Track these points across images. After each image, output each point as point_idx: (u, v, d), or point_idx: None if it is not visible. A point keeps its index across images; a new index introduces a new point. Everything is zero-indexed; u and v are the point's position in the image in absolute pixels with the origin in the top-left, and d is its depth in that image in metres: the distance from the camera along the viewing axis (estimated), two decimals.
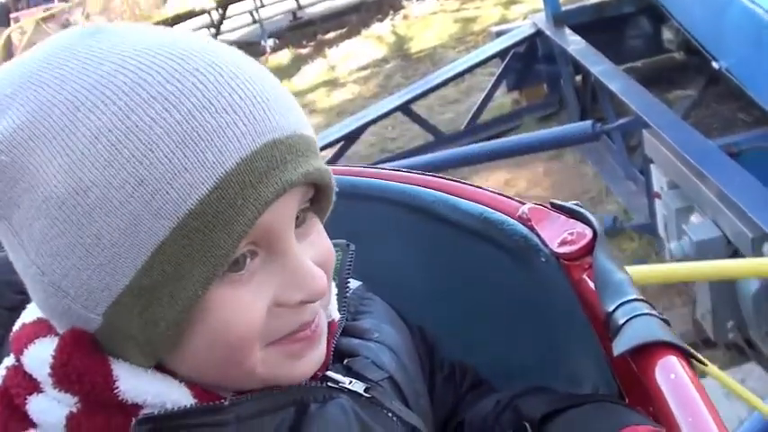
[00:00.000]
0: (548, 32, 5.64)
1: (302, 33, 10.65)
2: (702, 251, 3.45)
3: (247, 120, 0.63)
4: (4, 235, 0.66)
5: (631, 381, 0.87)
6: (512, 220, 0.95)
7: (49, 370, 0.67)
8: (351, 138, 6.74)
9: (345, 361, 0.84)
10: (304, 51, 10.07)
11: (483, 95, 6.37)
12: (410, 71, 8.22)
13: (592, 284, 0.84)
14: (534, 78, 6.36)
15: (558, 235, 0.90)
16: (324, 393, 0.77)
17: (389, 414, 0.81)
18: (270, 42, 10.20)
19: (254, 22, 10.83)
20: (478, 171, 6.10)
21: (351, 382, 0.80)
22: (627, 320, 0.76)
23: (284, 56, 10.08)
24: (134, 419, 0.66)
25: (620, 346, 0.74)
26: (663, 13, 5.27)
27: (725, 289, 3.57)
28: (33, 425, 0.68)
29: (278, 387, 0.74)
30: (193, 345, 0.67)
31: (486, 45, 6.60)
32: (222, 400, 0.70)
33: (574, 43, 5.35)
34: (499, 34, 6.45)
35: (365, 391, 0.80)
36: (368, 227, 1.03)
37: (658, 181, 4.26)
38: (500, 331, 1.06)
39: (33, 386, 0.69)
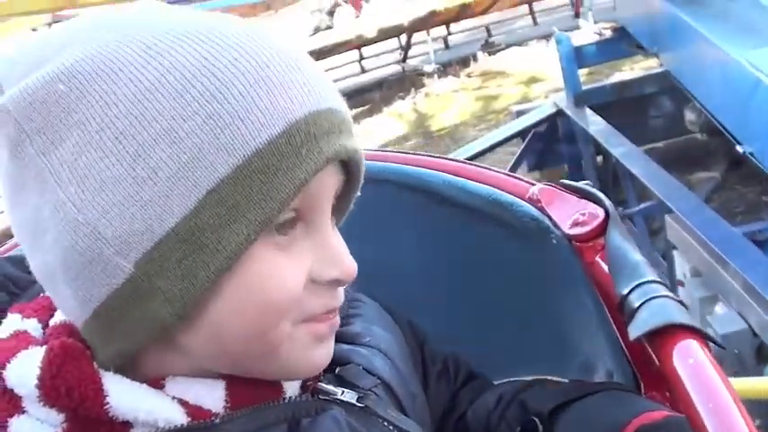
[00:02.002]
0: (568, 112, 5.61)
1: None
2: (727, 344, 3.33)
3: (314, 83, 0.65)
4: (37, 174, 0.62)
5: (647, 366, 0.85)
6: (522, 201, 0.94)
7: (36, 381, 0.63)
8: None
9: (337, 370, 0.81)
10: None
11: None
12: (431, 149, 8.23)
13: (605, 266, 0.82)
14: (555, 159, 6.34)
15: (570, 216, 0.89)
16: (316, 407, 0.74)
17: (385, 423, 0.78)
18: None
19: None
20: None
21: (343, 392, 0.77)
22: (642, 303, 0.73)
23: None
24: None
25: (635, 329, 0.72)
26: (685, 95, 5.27)
27: None
28: None
29: (272, 400, 0.72)
30: (225, 307, 0.64)
31: (506, 124, 6.63)
32: (213, 418, 0.67)
33: (594, 124, 5.30)
34: (520, 113, 6.45)
35: (358, 400, 0.77)
36: (371, 210, 1.01)
37: (681, 268, 4.19)
38: (511, 316, 1.03)
39: (15, 406, 0.64)
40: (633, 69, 7.35)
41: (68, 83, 0.61)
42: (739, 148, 4.18)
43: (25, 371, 0.64)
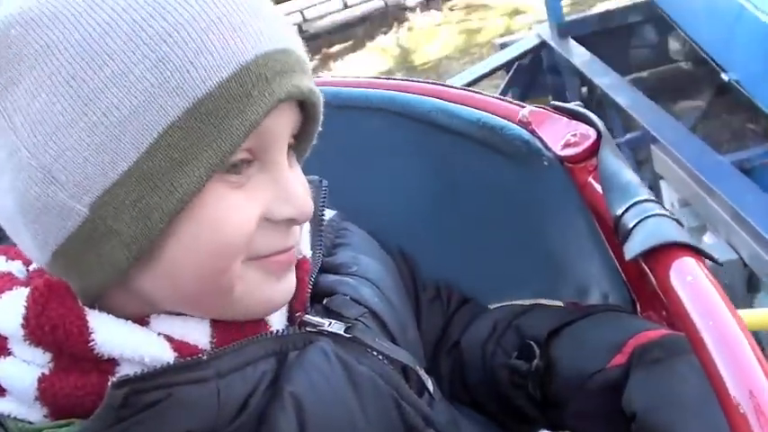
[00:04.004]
0: (552, 44, 5.56)
1: (308, 47, 10.45)
2: (717, 275, 3.34)
3: (269, 24, 0.66)
4: None
5: (643, 286, 0.85)
6: (512, 124, 0.92)
7: (21, 321, 0.63)
8: None
9: (324, 301, 0.81)
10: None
11: None
12: None
13: (598, 187, 0.81)
14: (539, 90, 6.27)
15: (561, 137, 0.87)
16: (303, 339, 0.74)
17: (374, 353, 0.78)
18: None
19: None
20: None
21: (330, 323, 0.77)
22: (637, 222, 0.72)
23: None
24: (110, 381, 0.61)
25: (631, 249, 0.71)
26: (669, 24, 5.22)
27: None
28: (2, 391, 0.65)
29: (253, 330, 0.71)
30: (179, 247, 0.64)
31: (490, 57, 6.57)
32: (201, 355, 0.66)
33: (579, 55, 5.26)
34: (503, 46, 6.37)
35: (345, 330, 0.77)
36: (361, 139, 1.00)
37: (669, 198, 4.19)
38: (503, 240, 1.02)
39: (1, 348, 0.65)
40: None
41: (20, 28, 0.61)
42: (724, 76, 4.17)
43: (10, 310, 0.64)
